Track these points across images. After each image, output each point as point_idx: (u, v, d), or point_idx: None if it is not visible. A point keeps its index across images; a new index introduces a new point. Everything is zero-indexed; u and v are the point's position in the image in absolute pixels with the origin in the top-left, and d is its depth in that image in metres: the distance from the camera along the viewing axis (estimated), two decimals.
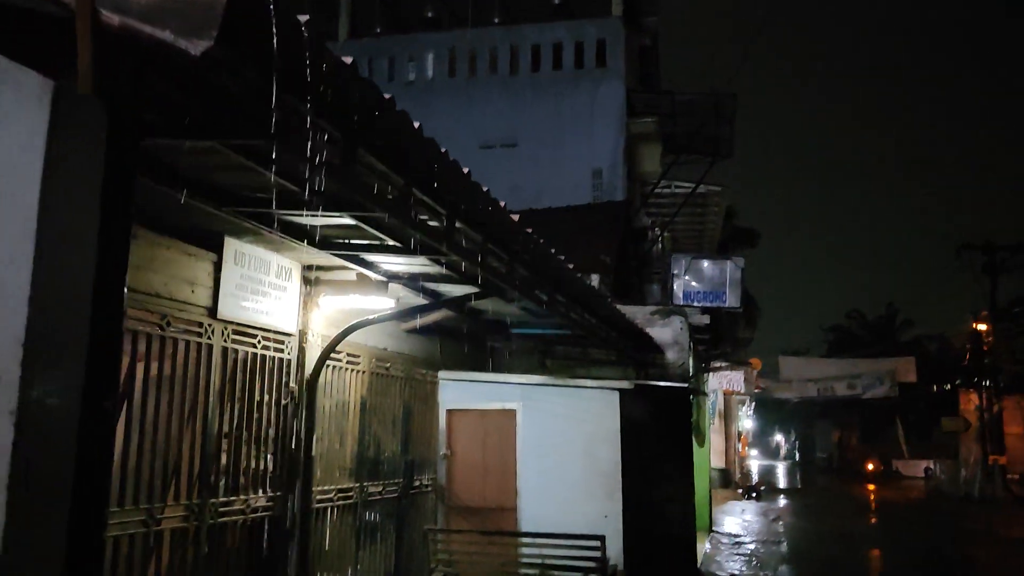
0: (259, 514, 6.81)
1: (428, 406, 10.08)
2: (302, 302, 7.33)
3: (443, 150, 4.89)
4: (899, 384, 39.08)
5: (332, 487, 7.86)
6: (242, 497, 6.55)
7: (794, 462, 58.74)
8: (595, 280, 13.57)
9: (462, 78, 20.24)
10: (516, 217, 6.52)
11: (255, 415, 6.82)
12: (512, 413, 10.01)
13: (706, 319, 12.74)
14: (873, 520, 23.21)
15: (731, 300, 17.86)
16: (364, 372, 8.53)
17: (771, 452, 65.62)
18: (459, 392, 10.18)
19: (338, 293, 7.39)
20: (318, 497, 7.58)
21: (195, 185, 4.81)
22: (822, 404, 48.18)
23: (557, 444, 9.86)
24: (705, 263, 18.19)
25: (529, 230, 6.73)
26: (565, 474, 9.76)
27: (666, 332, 12.10)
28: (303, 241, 6.13)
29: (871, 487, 34.63)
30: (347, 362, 8.18)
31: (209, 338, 6.17)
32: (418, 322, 9.37)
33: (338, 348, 7.94)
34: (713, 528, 17.11)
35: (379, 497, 8.77)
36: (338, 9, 20.88)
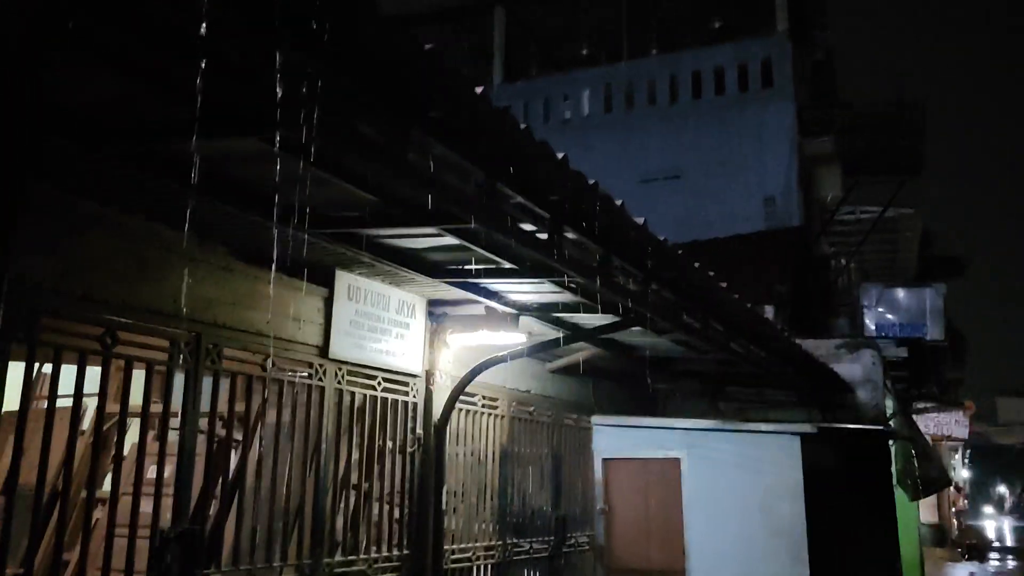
0: (385, 575, 6.15)
1: (581, 455, 9.18)
2: (427, 340, 6.71)
3: (560, 155, 4.10)
4: None
5: (470, 544, 7.11)
6: (363, 556, 5.92)
7: (1022, 517, 52.12)
8: (769, 312, 12.23)
9: (619, 112, 19.47)
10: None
11: (376, 464, 6.22)
12: (676, 463, 8.89)
13: (903, 352, 11.07)
14: None
15: (933, 332, 15.81)
16: (503, 417, 7.78)
17: (993, 505, 58.82)
18: (616, 439, 9.19)
19: (466, 330, 6.72)
20: (454, 556, 6.84)
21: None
22: None
23: (729, 498, 8.62)
24: (900, 292, 16.27)
25: (679, 251, 5.79)
26: (740, 533, 8.50)
27: (855, 368, 10.57)
28: (417, 271, 5.53)
29: None
30: (483, 405, 7.47)
31: (320, 379, 5.64)
32: (563, 362, 8.56)
33: (472, 391, 7.26)
34: None
35: (526, 556, 7.93)
36: (492, 54, 20.85)
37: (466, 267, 5.48)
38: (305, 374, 5.55)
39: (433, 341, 6.78)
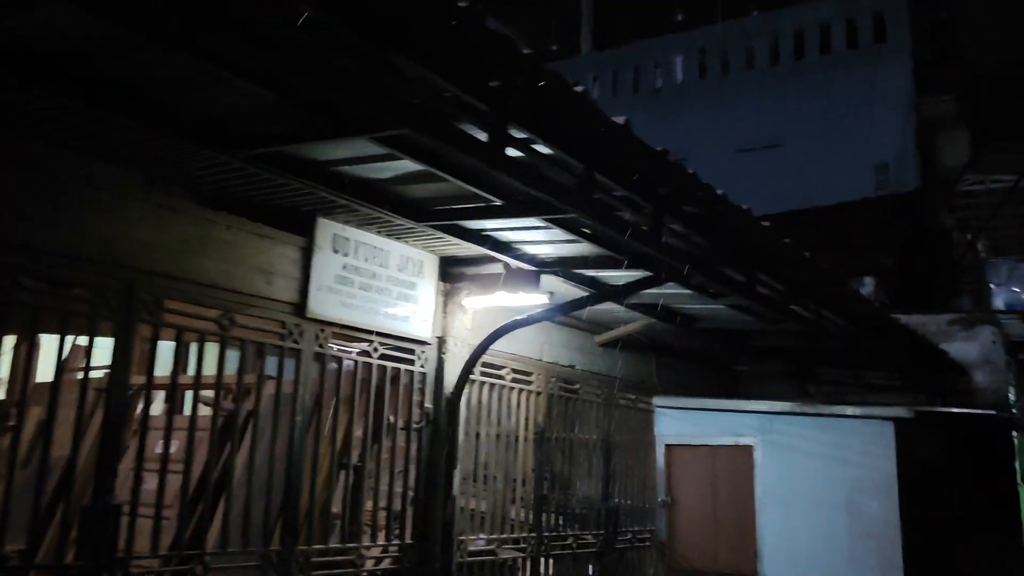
0: (381, 567, 5.40)
1: (641, 440, 8.18)
2: (440, 303, 5.91)
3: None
4: None
5: (494, 536, 6.28)
6: (352, 545, 5.18)
7: None
8: (869, 285, 10.82)
9: (715, 78, 18.08)
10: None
11: (374, 442, 5.48)
12: (748, 451, 7.78)
13: None
14: None
15: None
16: (539, 393, 6.90)
17: None
18: (681, 423, 8.17)
19: (484, 292, 5.88)
20: (472, 548, 6.03)
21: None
22: None
23: (808, 493, 7.45)
24: None
25: (719, 192, 4.75)
26: (821, 533, 7.32)
27: (971, 347, 9.09)
28: (401, 214, 4.74)
29: None
30: (512, 380, 6.61)
31: (295, 341, 4.92)
32: (614, 334, 7.60)
33: (498, 362, 6.42)
34: None
35: (568, 551, 7.03)
36: (580, 23, 19.85)
37: (457, 208, 4.63)
38: (276, 334, 4.85)
39: (447, 305, 5.97)
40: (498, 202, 4.33)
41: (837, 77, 16.55)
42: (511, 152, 3.51)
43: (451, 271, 5.95)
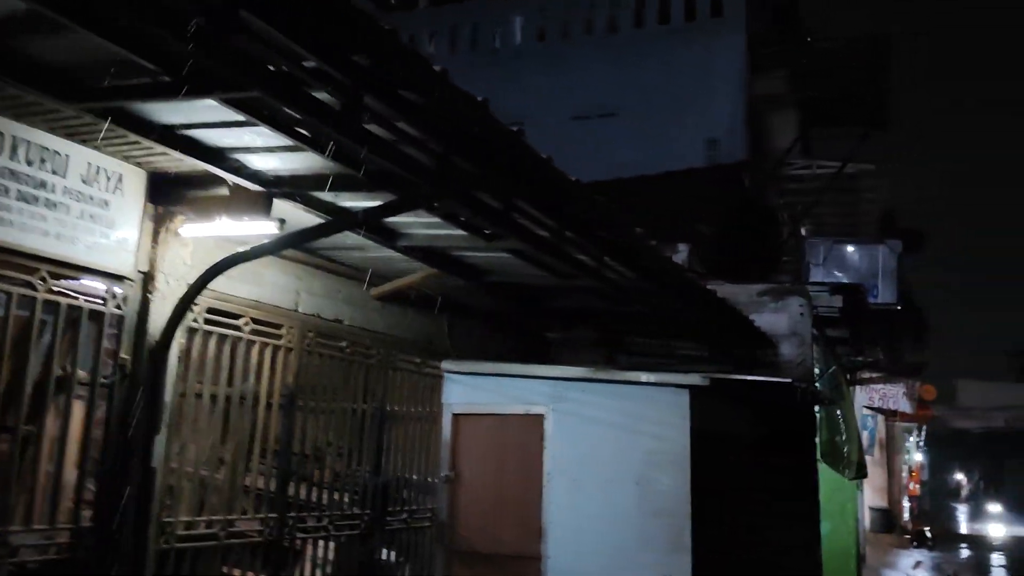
0: (42, 558, 4.24)
1: (426, 408, 7.31)
2: (147, 230, 4.77)
3: None
4: None
5: (218, 517, 5.20)
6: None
7: (977, 504, 51.47)
8: (683, 251, 10.40)
9: (554, 42, 17.44)
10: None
11: (33, 401, 4.28)
12: (539, 420, 7.04)
13: (837, 301, 9.27)
14: None
15: (884, 294, 14.11)
16: (291, 350, 5.85)
17: (950, 491, 58.22)
18: (471, 390, 7.33)
19: (206, 218, 4.78)
20: (183, 532, 4.94)
21: None
22: (1013, 438, 41.46)
23: (600, 466, 6.80)
24: (850, 248, 14.57)
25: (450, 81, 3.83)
26: (611, 510, 6.68)
27: (780, 319, 8.77)
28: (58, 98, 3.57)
29: None
30: (253, 332, 5.53)
31: None
32: (392, 287, 6.66)
33: (233, 310, 5.34)
34: None
35: (322, 533, 6.05)
36: None
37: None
38: None
39: (158, 233, 4.83)
40: (167, 78, 3.26)
41: (675, 49, 16.26)
42: None
43: (165, 192, 4.81)
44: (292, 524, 5.73)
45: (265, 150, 4.06)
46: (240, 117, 3.48)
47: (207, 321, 5.13)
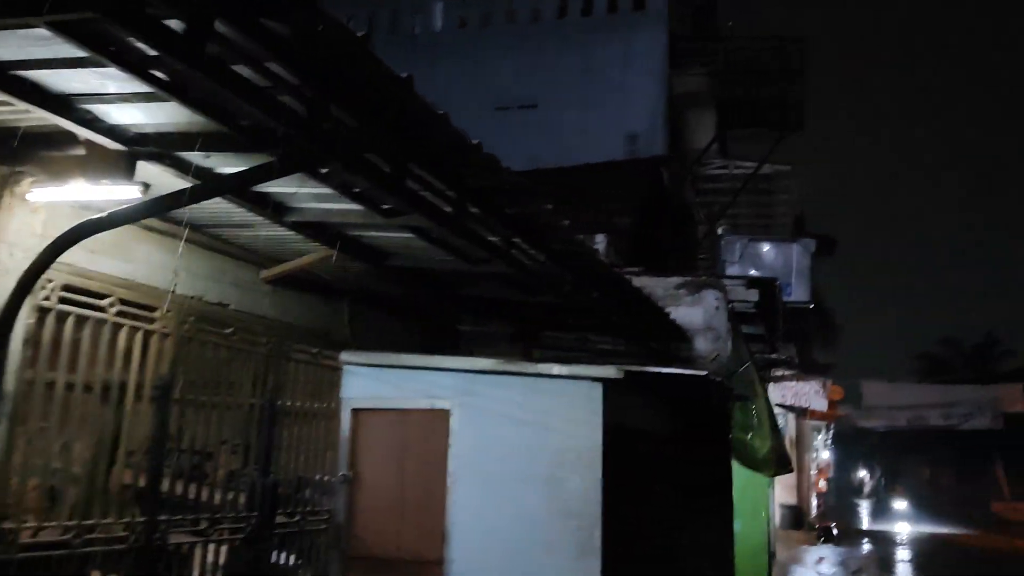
0: None
1: (321, 402, 6.79)
2: None
3: None
4: (1004, 415, 34.03)
5: (72, 523, 4.60)
6: None
7: (879, 501, 53.39)
8: (600, 241, 10.12)
9: (474, 30, 17.06)
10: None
11: None
12: (444, 416, 6.60)
13: (753, 295, 9.16)
14: None
15: (797, 292, 14.18)
16: (167, 336, 5.27)
17: (854, 489, 60.25)
18: (373, 383, 6.83)
19: (59, 182, 4.18)
20: (25, 540, 4.33)
21: None
22: (912, 437, 43.00)
23: (508, 465, 6.41)
24: (765, 246, 14.60)
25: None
26: (518, 512, 6.30)
27: (695, 312, 8.55)
28: None
29: (971, 532, 29.69)
30: (120, 314, 4.94)
31: None
32: (282, 269, 6.13)
33: (101, 290, 4.74)
34: None
35: (199, 538, 5.48)
36: None
37: None
38: None
39: (1, 197, 4.21)
40: None
41: (596, 41, 16.05)
42: None
43: (11, 150, 4.19)
44: (164, 527, 5.15)
45: (120, 98, 3.51)
46: (82, 52, 2.95)
47: (63, 300, 4.53)
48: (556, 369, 6.31)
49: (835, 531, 23.12)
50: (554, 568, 6.11)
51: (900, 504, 38.66)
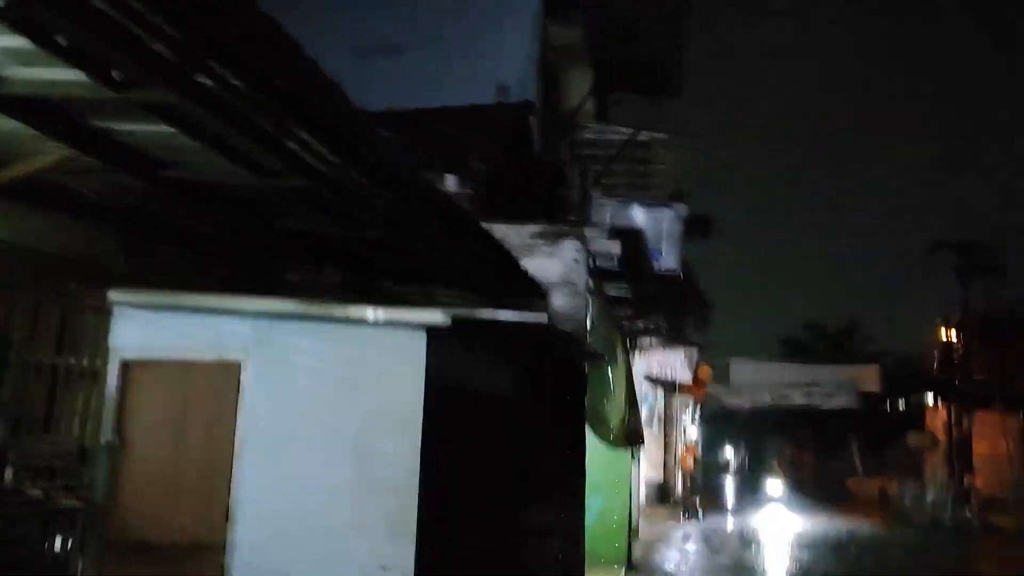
0: None
1: (80, 353, 5.45)
2: None
3: None
4: (860, 394, 35.35)
5: None
6: None
7: (744, 479, 55.14)
8: (451, 181, 9.06)
9: None
10: None
11: None
12: (234, 370, 5.39)
13: (616, 247, 8.33)
14: (832, 550, 18.96)
15: (667, 260, 13.56)
16: None
17: (720, 467, 62.02)
18: (150, 331, 5.55)
19: None
20: None
21: None
22: (776, 417, 44.32)
23: (311, 430, 5.27)
24: (636, 210, 13.90)
25: None
26: (320, 486, 5.18)
27: (553, 265, 7.63)
28: None
29: (830, 509, 30.59)
30: None
31: None
32: (14, 172, 4.75)
33: None
34: (632, 561, 12.57)
35: None
36: None
37: None
38: None
39: None
40: None
41: None
42: None
43: None
44: None
45: None
46: None
47: None
48: (370, 313, 5.20)
49: (700, 508, 23.14)
50: (361, 550, 5.03)
51: (767, 482, 39.64)
